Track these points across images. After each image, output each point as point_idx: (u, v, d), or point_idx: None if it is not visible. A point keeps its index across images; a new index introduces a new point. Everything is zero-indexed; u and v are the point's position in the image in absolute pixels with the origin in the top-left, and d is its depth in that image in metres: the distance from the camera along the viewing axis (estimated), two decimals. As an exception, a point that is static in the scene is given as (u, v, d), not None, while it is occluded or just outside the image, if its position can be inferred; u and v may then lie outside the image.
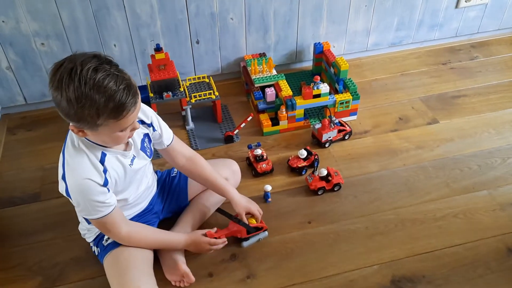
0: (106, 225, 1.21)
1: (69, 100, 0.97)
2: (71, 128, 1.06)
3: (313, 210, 1.56)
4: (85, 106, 0.97)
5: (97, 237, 1.34)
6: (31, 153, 1.82)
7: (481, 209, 1.54)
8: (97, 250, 1.35)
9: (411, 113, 1.95)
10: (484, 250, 1.41)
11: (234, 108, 2.00)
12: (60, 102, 0.98)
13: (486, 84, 2.10)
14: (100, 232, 1.32)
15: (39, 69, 1.89)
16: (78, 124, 1.03)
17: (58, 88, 0.97)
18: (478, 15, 2.28)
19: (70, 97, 0.96)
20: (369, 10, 2.11)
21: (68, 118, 1.02)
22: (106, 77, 0.97)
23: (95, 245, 1.36)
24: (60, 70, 0.98)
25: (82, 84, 0.95)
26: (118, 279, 1.23)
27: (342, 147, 1.80)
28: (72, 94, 0.96)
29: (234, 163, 1.58)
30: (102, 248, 1.32)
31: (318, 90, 1.79)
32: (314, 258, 1.41)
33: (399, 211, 1.54)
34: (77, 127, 1.05)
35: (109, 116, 1.00)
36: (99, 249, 1.33)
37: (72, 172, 1.12)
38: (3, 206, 1.61)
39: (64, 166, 1.13)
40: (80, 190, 1.12)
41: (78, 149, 1.12)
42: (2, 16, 1.72)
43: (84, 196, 1.13)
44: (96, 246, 1.35)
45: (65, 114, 1.01)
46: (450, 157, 1.74)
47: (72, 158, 1.12)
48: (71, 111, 0.99)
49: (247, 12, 1.96)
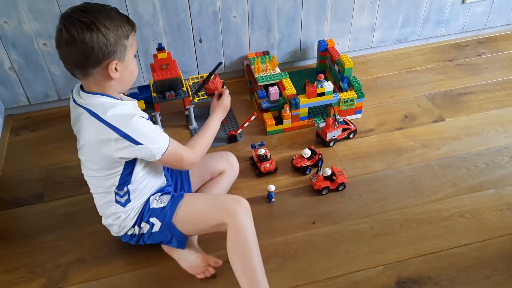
0: (178, 151, 1.23)
1: (105, 27, 1.06)
2: (108, 68, 1.10)
3: (317, 210, 1.54)
4: (119, 28, 1.09)
5: (140, 214, 1.30)
6: (34, 153, 1.82)
7: (488, 208, 1.52)
8: (146, 227, 1.30)
9: (416, 111, 1.92)
10: (491, 251, 1.39)
11: (237, 107, 1.99)
12: (95, 43, 1.05)
13: (493, 81, 2.07)
14: (141, 209, 1.30)
15: (42, 69, 1.89)
16: (113, 56, 1.09)
17: (88, 24, 1.04)
18: (485, 10, 2.25)
19: (105, 24, 1.06)
20: (373, 6, 2.09)
21: (104, 55, 1.07)
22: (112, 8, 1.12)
23: (141, 223, 1.30)
24: (72, 17, 1.05)
25: (104, 17, 1.07)
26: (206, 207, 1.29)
27: (347, 146, 1.78)
28: (106, 21, 1.06)
29: (231, 155, 1.56)
30: (161, 213, 1.29)
31: (322, 88, 1.77)
32: (318, 259, 1.40)
33: (405, 211, 1.52)
34: (112, 61, 1.09)
35: (130, 31, 1.13)
36: (158, 218, 1.29)
37: (124, 118, 1.12)
38: (7, 207, 1.61)
39: (115, 127, 1.11)
40: (140, 126, 1.14)
41: (112, 106, 1.13)
42: (4, 16, 1.72)
43: (148, 129, 1.15)
44: (146, 222, 1.30)
45: (101, 52, 1.06)
46: (457, 155, 1.71)
47: (115, 112, 1.12)
48: (109, 40, 1.06)
49: (250, 10, 1.95)
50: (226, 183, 1.54)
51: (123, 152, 1.14)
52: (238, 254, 1.23)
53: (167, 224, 1.29)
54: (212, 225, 1.28)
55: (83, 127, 1.16)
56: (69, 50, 1.07)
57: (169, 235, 1.31)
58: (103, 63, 1.09)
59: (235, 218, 1.22)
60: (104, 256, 1.44)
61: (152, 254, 1.43)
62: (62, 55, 1.10)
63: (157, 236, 1.32)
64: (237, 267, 1.23)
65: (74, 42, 1.04)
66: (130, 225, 1.31)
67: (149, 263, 1.41)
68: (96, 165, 1.21)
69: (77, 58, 1.07)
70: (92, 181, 1.28)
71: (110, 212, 1.29)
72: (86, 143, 1.18)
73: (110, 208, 1.28)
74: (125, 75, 1.16)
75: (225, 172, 1.52)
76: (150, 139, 1.15)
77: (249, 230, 1.23)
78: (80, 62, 1.08)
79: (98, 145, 1.15)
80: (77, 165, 1.70)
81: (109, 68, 1.10)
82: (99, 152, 1.16)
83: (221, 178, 1.52)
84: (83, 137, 1.18)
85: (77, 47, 1.05)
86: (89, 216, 1.55)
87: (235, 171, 1.56)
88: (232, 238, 1.23)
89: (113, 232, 1.35)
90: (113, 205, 1.28)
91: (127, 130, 1.12)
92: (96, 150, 1.16)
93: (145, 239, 1.34)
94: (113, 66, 1.10)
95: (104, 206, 1.29)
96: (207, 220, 1.29)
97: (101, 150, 1.15)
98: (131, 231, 1.33)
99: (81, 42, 1.04)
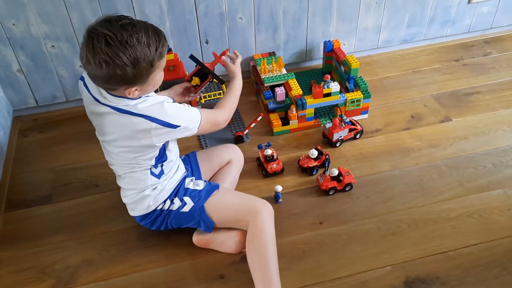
0: (211, 116, 1.32)
1: (125, 65, 1.06)
2: (126, 92, 1.13)
3: (325, 210, 1.55)
4: (141, 62, 1.08)
5: (175, 190, 1.37)
6: (42, 155, 1.83)
7: (496, 208, 1.51)
8: (178, 203, 1.36)
9: (423, 111, 1.92)
10: (500, 251, 1.39)
11: (244, 108, 1.99)
12: (114, 73, 1.07)
13: (500, 81, 2.06)
14: (176, 186, 1.37)
15: (50, 71, 1.90)
16: (132, 84, 1.12)
17: (107, 61, 1.05)
18: (491, 10, 2.24)
19: (125, 62, 1.06)
20: (379, 6, 2.09)
21: (127, 83, 1.11)
22: (139, 32, 1.07)
23: (174, 198, 1.36)
24: (94, 45, 1.04)
25: (130, 47, 1.05)
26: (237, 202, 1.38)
27: (353, 146, 1.78)
28: (127, 59, 1.06)
29: (235, 147, 1.62)
30: (195, 195, 1.36)
31: (329, 89, 1.77)
32: (326, 259, 1.40)
33: (412, 211, 1.52)
34: (132, 87, 1.13)
35: (158, 59, 1.12)
36: (192, 199, 1.35)
37: (156, 107, 1.18)
38: (16, 208, 1.62)
39: (151, 117, 1.17)
40: (172, 110, 1.19)
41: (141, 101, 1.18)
42: (12, 19, 1.73)
43: (179, 111, 1.22)
44: (180, 199, 1.36)
45: (121, 80, 1.09)
46: (464, 155, 1.71)
47: (145, 104, 1.17)
48: (128, 75, 1.08)
49: (256, 11, 1.95)
50: (236, 171, 1.60)
51: (163, 138, 1.22)
52: (256, 251, 1.29)
53: (198, 207, 1.35)
54: (237, 219, 1.36)
55: (113, 125, 1.21)
56: (95, 73, 1.10)
57: (197, 218, 1.36)
58: (122, 87, 1.13)
59: (260, 217, 1.30)
60: (112, 257, 1.45)
61: (161, 255, 1.44)
62: (87, 71, 1.13)
63: (183, 217, 1.36)
64: (253, 264, 1.29)
65: (100, 68, 1.07)
66: (165, 197, 1.35)
67: (158, 264, 1.42)
68: (134, 154, 1.26)
69: (99, 77, 1.11)
70: (126, 164, 1.30)
71: (145, 185, 1.33)
72: (121, 137, 1.23)
73: (146, 181, 1.32)
74: (147, 90, 1.19)
75: (232, 161, 1.58)
76: (185, 118, 1.23)
77: (269, 232, 1.31)
78: (102, 82, 1.12)
79: (136, 136, 1.20)
80: (85, 166, 1.75)
81: (127, 91, 1.14)
82: (137, 141, 1.21)
83: (231, 166, 1.58)
84: (114, 133, 1.23)
85: (101, 72, 1.08)
86: (97, 216, 1.57)
87: (241, 160, 1.62)
88: (253, 235, 1.30)
89: (142, 208, 1.36)
90: (148, 178, 1.32)
91: (163, 117, 1.18)
92: (134, 141, 1.21)
93: (170, 219, 1.37)
94: (133, 90, 1.14)
95: (140, 181, 1.32)
96: (236, 212, 1.37)
97: (140, 140, 1.20)
98: (161, 206, 1.36)
99: (104, 70, 1.07)
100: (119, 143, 1.25)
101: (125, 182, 1.36)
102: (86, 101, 1.27)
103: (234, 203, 1.39)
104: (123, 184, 1.37)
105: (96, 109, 1.23)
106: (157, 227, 1.40)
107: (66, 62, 1.89)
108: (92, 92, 1.22)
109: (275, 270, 1.27)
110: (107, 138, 1.26)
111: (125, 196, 1.39)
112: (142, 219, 1.39)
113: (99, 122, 1.26)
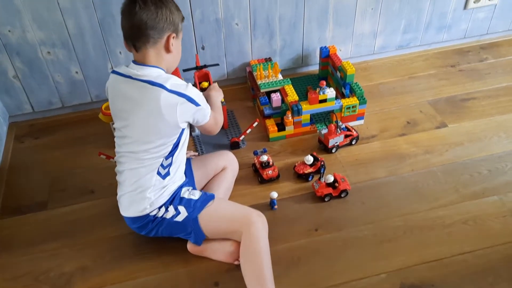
0: (215, 116, 1.42)
1: (172, 9, 1.26)
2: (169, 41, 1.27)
3: (320, 217, 1.54)
4: (178, 11, 1.30)
5: (171, 197, 1.37)
6: (38, 161, 1.83)
7: (491, 215, 1.51)
8: (172, 212, 1.35)
9: (419, 117, 1.92)
10: (495, 258, 1.39)
11: (240, 113, 2.00)
12: (164, 15, 1.23)
13: (496, 86, 2.07)
14: (173, 193, 1.37)
15: (46, 77, 1.90)
16: (174, 30, 1.27)
17: (158, 5, 1.22)
18: (487, 16, 2.25)
19: (171, 9, 1.26)
20: (375, 12, 2.09)
21: (170, 27, 1.26)
22: None
23: (169, 206, 1.36)
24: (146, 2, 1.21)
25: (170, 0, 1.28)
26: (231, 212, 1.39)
27: (349, 152, 1.78)
28: (172, 4, 1.27)
29: (230, 153, 1.63)
30: (190, 205, 1.36)
31: (324, 95, 1.77)
32: (321, 266, 1.40)
33: (408, 218, 1.52)
34: (172, 34, 1.27)
35: (182, 19, 1.33)
36: (186, 209, 1.36)
37: (182, 86, 1.27)
38: (11, 215, 1.62)
39: (179, 93, 1.25)
40: (195, 91, 1.29)
41: (168, 78, 1.27)
42: (8, 25, 1.73)
43: (200, 94, 1.32)
44: (174, 208, 1.35)
45: (168, 23, 1.25)
46: (460, 161, 1.71)
47: (173, 82, 1.26)
48: (174, 16, 1.26)
49: (252, 17, 1.96)
50: (231, 177, 1.60)
51: (185, 116, 1.28)
52: (251, 259, 1.29)
53: (192, 217, 1.35)
54: (231, 230, 1.37)
55: (144, 98, 1.26)
56: (141, 16, 1.21)
57: (189, 229, 1.36)
58: (166, 34, 1.25)
59: (254, 227, 1.32)
60: (107, 264, 1.44)
61: (156, 262, 1.44)
62: (131, 23, 1.23)
63: (176, 226, 1.36)
64: (247, 272, 1.29)
65: (148, 10, 1.20)
66: (162, 202, 1.35)
67: (153, 271, 1.41)
68: (154, 136, 1.29)
69: (146, 23, 1.21)
70: (140, 155, 1.31)
71: (149, 184, 1.33)
72: (146, 113, 1.26)
73: (151, 180, 1.33)
74: (176, 52, 1.32)
75: (227, 167, 1.59)
76: (204, 102, 1.33)
77: (264, 241, 1.32)
78: (149, 27, 1.22)
79: (162, 112, 1.24)
80: (81, 172, 1.75)
81: (169, 40, 1.26)
82: (161, 118, 1.25)
83: (226, 172, 1.59)
84: (141, 110, 1.26)
85: (149, 14, 1.21)
86: (92, 223, 1.57)
87: (236, 166, 1.63)
88: (247, 244, 1.31)
89: (137, 209, 1.34)
90: (154, 177, 1.33)
91: (190, 94, 1.27)
92: (158, 117, 1.25)
93: (162, 227, 1.37)
94: (172, 40, 1.27)
95: (145, 179, 1.33)
96: (230, 223, 1.38)
97: (166, 116, 1.25)
98: (156, 212, 1.35)
99: (153, 10, 1.21)
100: (142, 121, 1.28)
101: (128, 178, 1.34)
102: (115, 87, 1.33)
103: (229, 214, 1.39)
104: (126, 180, 1.35)
105: (126, 90, 1.29)
106: (146, 232, 1.39)
107: (62, 68, 1.89)
108: (122, 71, 1.30)
109: (270, 278, 1.27)
110: (130, 119, 1.29)
111: (123, 195, 1.37)
112: (134, 221, 1.38)
113: (125, 105, 1.30)
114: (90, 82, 1.96)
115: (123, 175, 1.36)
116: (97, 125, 1.91)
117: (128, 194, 1.36)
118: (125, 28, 1.26)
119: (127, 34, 1.26)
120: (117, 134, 1.37)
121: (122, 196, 1.38)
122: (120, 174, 1.38)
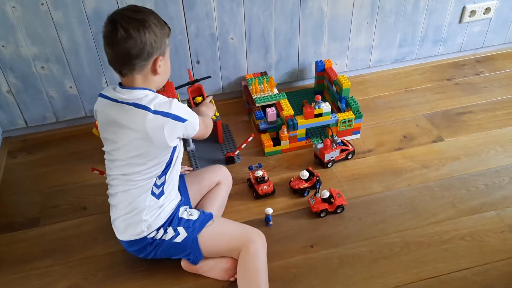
0: (203, 120, 1.41)
1: (155, 29, 1.20)
2: (156, 63, 1.23)
3: (316, 233, 1.52)
4: (162, 28, 1.23)
5: (169, 219, 1.34)
6: (31, 177, 1.81)
7: (489, 231, 1.50)
8: (171, 233, 1.33)
9: (415, 131, 1.91)
10: (493, 275, 1.37)
11: (236, 127, 1.98)
12: (147, 39, 1.18)
13: (492, 100, 2.06)
14: (171, 214, 1.35)
15: (40, 92, 1.89)
16: (160, 51, 1.23)
17: (140, 30, 1.17)
18: (483, 29, 2.25)
19: (154, 23, 1.20)
20: (371, 27, 2.09)
21: (154, 50, 1.21)
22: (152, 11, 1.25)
23: (168, 227, 1.33)
24: (130, 22, 1.16)
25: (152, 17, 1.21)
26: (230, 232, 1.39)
27: (345, 167, 1.77)
28: (154, 24, 1.20)
29: (224, 168, 1.62)
30: (189, 226, 1.35)
31: (320, 109, 1.76)
32: (317, 284, 1.38)
33: (405, 234, 1.50)
34: (159, 56, 1.23)
35: (169, 31, 1.28)
36: (185, 229, 1.34)
37: (167, 104, 1.24)
38: (3, 232, 1.60)
39: (165, 113, 1.22)
40: (180, 107, 1.26)
41: (154, 97, 1.24)
42: (2, 41, 1.73)
43: (185, 108, 1.29)
44: (173, 229, 1.33)
45: (152, 47, 1.20)
46: (456, 176, 1.70)
47: (158, 101, 1.23)
48: (158, 36, 1.21)
49: (247, 31, 1.95)
50: (225, 192, 1.59)
51: (174, 134, 1.25)
52: (248, 276, 1.30)
53: (192, 238, 1.34)
54: (230, 248, 1.37)
55: (131, 122, 1.23)
56: (125, 46, 1.16)
57: (189, 249, 1.34)
58: (152, 58, 1.21)
59: (253, 246, 1.33)
60: (99, 282, 1.42)
61: (149, 281, 1.41)
62: (115, 52, 1.19)
63: (175, 247, 1.34)
64: None
65: (130, 38, 1.16)
66: (159, 224, 1.32)
67: (145, 289, 1.39)
68: (145, 158, 1.26)
69: (130, 53, 1.17)
70: (132, 177, 1.29)
71: (144, 205, 1.30)
72: (135, 138, 1.23)
73: (145, 201, 1.30)
74: (165, 70, 1.30)
75: (221, 182, 1.57)
76: (190, 115, 1.30)
77: (262, 259, 1.33)
78: (133, 57, 1.18)
79: (150, 135, 1.22)
80: (74, 188, 1.74)
81: (156, 63, 1.23)
82: (152, 141, 1.23)
83: (220, 188, 1.57)
84: (129, 133, 1.24)
85: (132, 43, 1.16)
86: (85, 240, 1.54)
87: (230, 180, 1.62)
88: (245, 261, 1.31)
89: (134, 232, 1.31)
90: (148, 197, 1.30)
91: (174, 112, 1.23)
92: (148, 141, 1.23)
93: (161, 249, 1.34)
94: (159, 62, 1.23)
95: (139, 200, 1.30)
96: (229, 242, 1.37)
97: (154, 138, 1.22)
98: (154, 234, 1.32)
99: (136, 38, 1.16)
100: (131, 145, 1.25)
101: (122, 201, 1.31)
102: (103, 111, 1.30)
103: (228, 233, 1.39)
104: (119, 203, 1.32)
105: (113, 113, 1.26)
106: (144, 255, 1.36)
107: (56, 83, 1.88)
108: (108, 95, 1.28)
109: None
110: (120, 143, 1.27)
111: (117, 218, 1.33)
112: (131, 245, 1.34)
113: (113, 129, 1.27)
114: (84, 97, 1.95)
115: (116, 197, 1.33)
116: (91, 140, 1.89)
117: (123, 217, 1.32)
118: (109, 55, 1.22)
119: (111, 61, 1.23)
120: (107, 157, 1.34)
121: (116, 220, 1.34)
122: (112, 197, 1.35)
